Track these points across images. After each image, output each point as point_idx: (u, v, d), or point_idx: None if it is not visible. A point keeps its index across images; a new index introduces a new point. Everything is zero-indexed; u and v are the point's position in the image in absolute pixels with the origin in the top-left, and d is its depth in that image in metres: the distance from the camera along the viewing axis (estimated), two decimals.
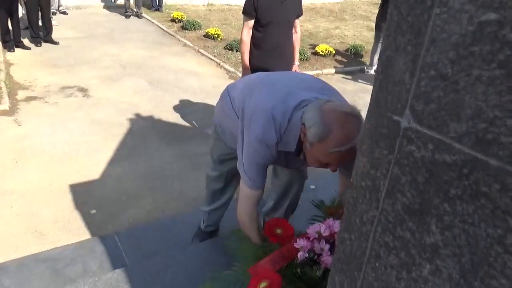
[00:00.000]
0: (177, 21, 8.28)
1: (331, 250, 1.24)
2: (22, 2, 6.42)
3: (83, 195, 2.99)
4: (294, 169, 2.07)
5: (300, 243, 1.29)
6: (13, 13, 5.93)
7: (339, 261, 0.76)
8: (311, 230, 1.31)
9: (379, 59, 0.61)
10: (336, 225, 1.32)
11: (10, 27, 5.99)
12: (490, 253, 0.48)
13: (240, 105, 1.64)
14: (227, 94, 1.87)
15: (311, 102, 1.44)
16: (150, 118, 4.31)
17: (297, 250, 1.29)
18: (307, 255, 1.27)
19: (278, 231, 1.41)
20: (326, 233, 1.29)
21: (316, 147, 1.34)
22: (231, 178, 2.15)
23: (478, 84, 0.45)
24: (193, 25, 7.84)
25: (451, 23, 0.47)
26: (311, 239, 1.29)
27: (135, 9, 8.85)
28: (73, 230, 2.65)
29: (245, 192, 1.63)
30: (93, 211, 2.83)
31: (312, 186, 3.07)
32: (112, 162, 3.44)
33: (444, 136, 0.50)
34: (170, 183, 3.23)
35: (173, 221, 2.63)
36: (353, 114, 1.34)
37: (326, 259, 1.25)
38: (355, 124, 1.30)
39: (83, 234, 2.62)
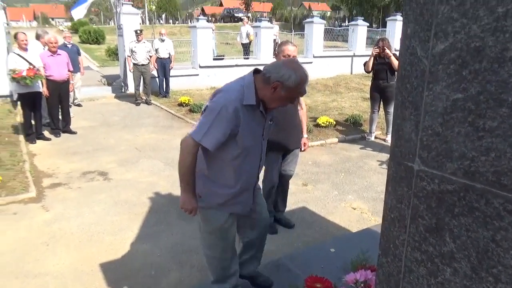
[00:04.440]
0: (184, 105, 8.92)
1: None
2: (44, 99, 7.00)
3: (114, 272, 3.12)
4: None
5: None
6: (36, 110, 6.48)
7: (380, 282, 0.97)
8: (349, 278, 1.50)
9: (392, 126, 0.89)
10: (368, 272, 1.51)
11: (32, 121, 6.51)
12: (488, 249, 0.71)
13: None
14: None
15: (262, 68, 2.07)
16: (169, 196, 4.55)
17: None
18: None
19: (318, 285, 1.59)
20: (361, 279, 1.48)
21: (293, 90, 1.97)
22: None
23: (459, 137, 0.72)
24: (200, 107, 8.42)
25: (436, 100, 0.76)
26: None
27: (144, 97, 9.57)
28: None
29: (191, 143, 1.99)
30: (125, 287, 2.94)
31: (332, 250, 3.19)
32: (138, 239, 3.61)
33: (444, 173, 0.76)
34: (194, 255, 3.37)
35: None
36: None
37: None
38: (300, 64, 2.06)
39: None
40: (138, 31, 9.09)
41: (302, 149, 3.71)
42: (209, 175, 2.14)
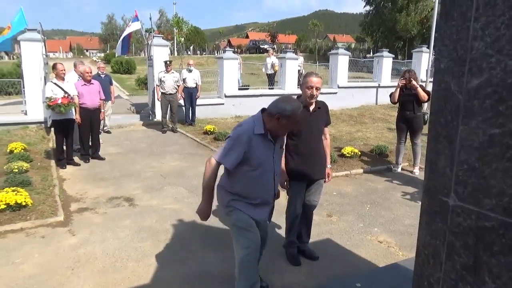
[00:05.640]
0: (209, 133, 9.06)
1: None
2: (76, 126, 7.26)
3: None
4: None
5: None
6: (68, 136, 6.73)
7: None
8: None
9: (425, 160, 0.88)
10: None
11: (64, 147, 6.74)
12: None
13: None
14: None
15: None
16: (192, 223, 4.55)
17: None
18: None
19: None
20: None
21: (291, 118, 2.52)
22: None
23: (497, 172, 0.70)
24: (225, 136, 8.52)
25: (472, 135, 0.75)
26: None
27: (170, 125, 9.79)
28: None
29: (213, 163, 2.57)
30: None
31: (358, 285, 3.09)
32: (161, 266, 3.61)
33: (481, 209, 0.74)
34: (217, 284, 3.33)
35: None
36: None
37: None
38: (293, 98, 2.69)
39: None
40: (168, 62, 9.43)
41: (326, 179, 3.67)
42: (233, 189, 2.66)
